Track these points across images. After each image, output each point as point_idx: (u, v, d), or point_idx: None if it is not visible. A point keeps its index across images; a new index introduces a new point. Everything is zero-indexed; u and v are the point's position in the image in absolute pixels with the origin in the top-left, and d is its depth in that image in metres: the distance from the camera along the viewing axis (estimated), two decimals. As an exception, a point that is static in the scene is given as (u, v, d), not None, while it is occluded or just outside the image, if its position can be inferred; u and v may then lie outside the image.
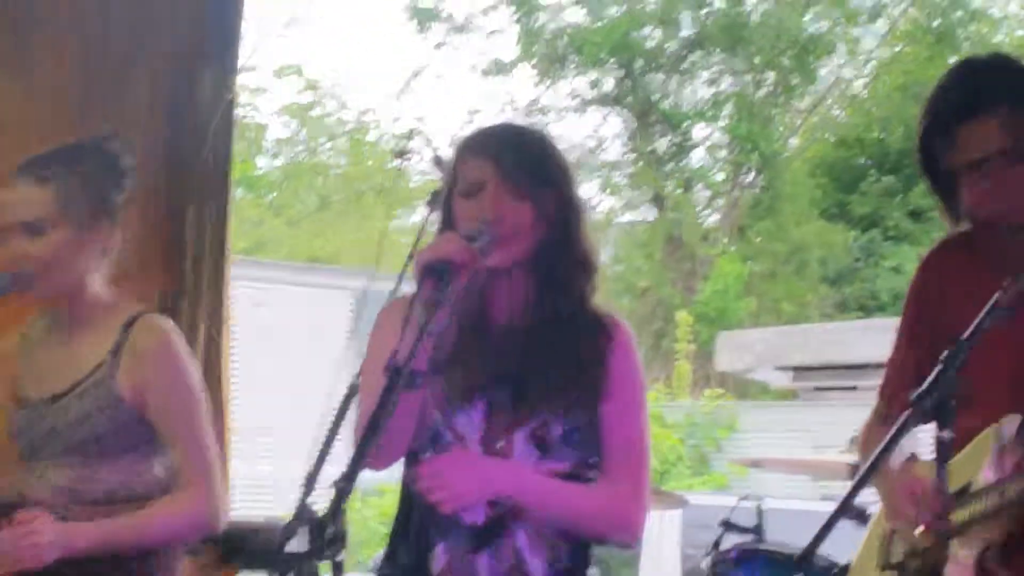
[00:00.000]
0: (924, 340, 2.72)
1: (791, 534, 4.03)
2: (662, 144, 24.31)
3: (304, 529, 2.13)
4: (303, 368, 14.01)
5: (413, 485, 2.57)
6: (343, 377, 3.12)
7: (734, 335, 14.75)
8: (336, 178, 26.07)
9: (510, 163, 2.55)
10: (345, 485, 2.15)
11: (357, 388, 2.78)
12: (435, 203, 2.75)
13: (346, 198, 25.30)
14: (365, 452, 2.20)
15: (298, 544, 2.15)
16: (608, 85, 23.97)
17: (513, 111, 23.90)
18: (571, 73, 23.85)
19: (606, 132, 24.92)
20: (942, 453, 2.15)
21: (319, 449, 2.52)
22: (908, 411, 2.13)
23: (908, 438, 2.19)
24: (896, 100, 22.83)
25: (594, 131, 25.44)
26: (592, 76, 23.80)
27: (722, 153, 24.34)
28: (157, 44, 4.16)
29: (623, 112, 24.29)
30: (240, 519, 2.97)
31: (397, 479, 2.65)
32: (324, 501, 2.17)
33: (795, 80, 23.64)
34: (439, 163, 3.30)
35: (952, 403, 2.11)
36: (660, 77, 24.13)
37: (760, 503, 4.52)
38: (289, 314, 14.64)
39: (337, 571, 2.24)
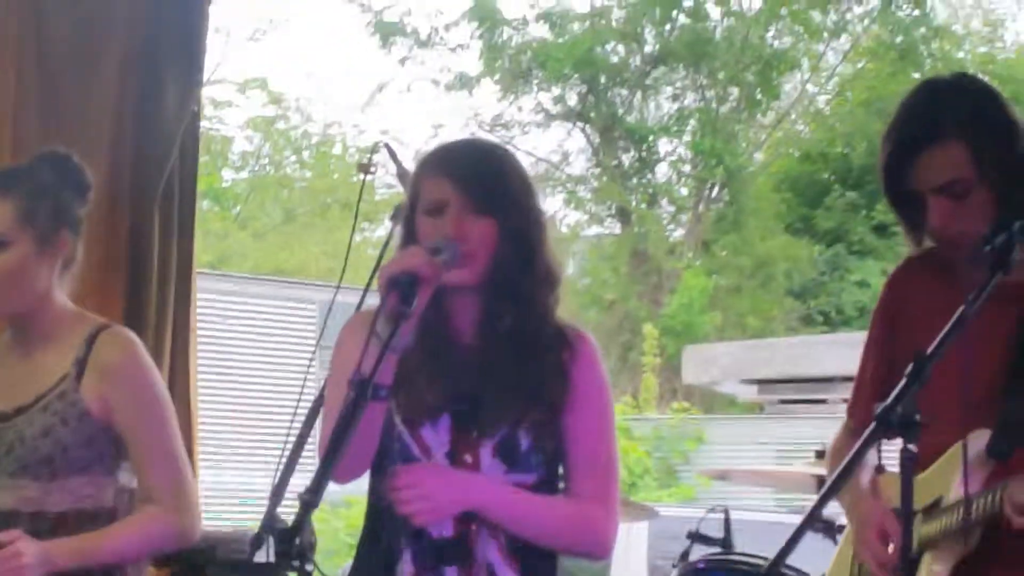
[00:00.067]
0: (890, 357, 2.73)
1: (758, 545, 4.04)
2: (627, 159, 24.38)
3: (271, 539, 2.12)
4: (268, 379, 13.99)
5: (379, 497, 2.56)
6: (308, 389, 3.10)
7: (701, 348, 14.79)
8: (301, 191, 26.03)
9: (470, 181, 2.54)
10: (311, 497, 2.15)
11: (322, 400, 2.76)
12: (399, 217, 2.74)
13: (311, 211, 25.26)
14: (330, 465, 2.20)
15: (266, 554, 2.15)
16: (572, 100, 24.03)
17: (478, 125, 23.95)
18: (535, 88, 23.90)
19: (571, 146, 24.92)
20: (907, 468, 2.15)
21: (285, 460, 2.52)
22: (872, 424, 2.14)
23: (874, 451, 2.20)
24: (860, 116, 22.97)
25: (559, 145, 25.49)
26: (556, 91, 23.85)
27: (686, 168, 24.43)
28: (121, 57, 4.15)
29: (587, 127, 24.35)
30: (207, 529, 2.95)
31: (364, 491, 2.64)
32: (292, 512, 2.16)
33: (759, 95, 23.75)
34: (403, 177, 3.29)
35: (916, 417, 2.11)
36: (624, 92, 24.20)
37: (727, 514, 4.53)
38: (254, 326, 14.61)
39: (305, 582, 2.23)
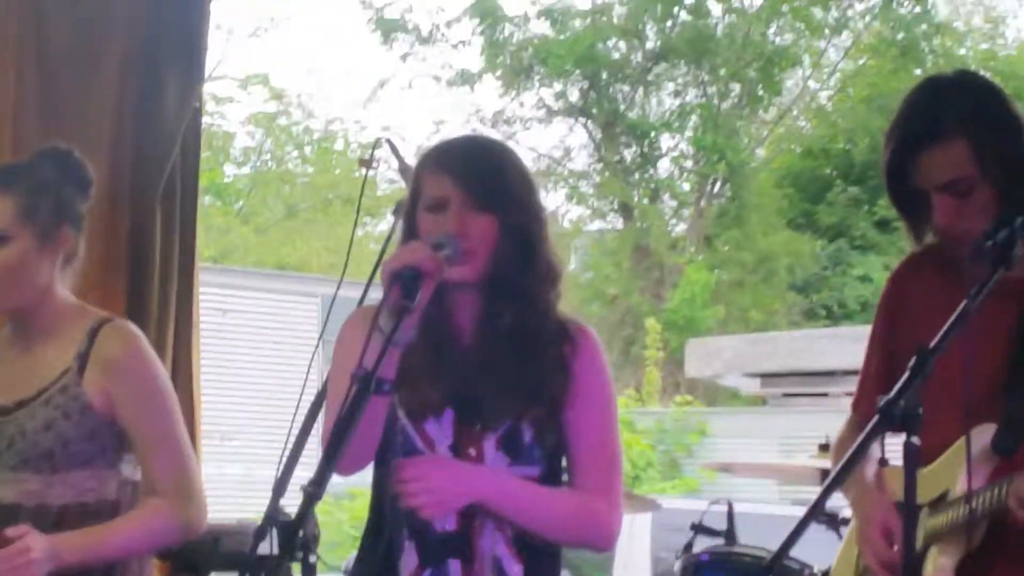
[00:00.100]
0: (894, 352, 2.73)
1: (762, 538, 4.04)
2: (628, 154, 24.38)
3: (275, 532, 2.12)
4: (271, 373, 14.02)
5: (384, 490, 2.56)
6: (311, 382, 3.11)
7: (704, 342, 14.80)
8: (303, 186, 26.05)
9: (471, 178, 2.54)
10: (314, 490, 2.16)
11: (325, 393, 2.77)
12: (401, 213, 2.74)
13: (313, 206, 25.29)
14: (333, 458, 2.20)
15: (269, 546, 2.15)
16: (574, 96, 24.03)
17: (479, 121, 23.96)
18: (536, 84, 23.90)
19: (573, 142, 24.97)
20: (910, 462, 2.15)
21: (289, 453, 2.52)
22: (876, 418, 2.14)
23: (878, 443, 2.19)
24: (861, 112, 22.97)
25: (560, 141, 25.54)
26: (557, 87, 23.85)
27: (688, 163, 24.44)
28: (121, 57, 4.15)
29: (589, 123, 24.35)
30: (211, 522, 2.95)
31: (369, 483, 2.64)
32: (296, 504, 2.17)
33: (760, 91, 23.75)
34: (405, 172, 3.29)
35: (919, 411, 2.11)
36: (625, 88, 24.20)
37: (730, 506, 4.52)
38: (257, 320, 14.64)
39: (309, 574, 2.23)
